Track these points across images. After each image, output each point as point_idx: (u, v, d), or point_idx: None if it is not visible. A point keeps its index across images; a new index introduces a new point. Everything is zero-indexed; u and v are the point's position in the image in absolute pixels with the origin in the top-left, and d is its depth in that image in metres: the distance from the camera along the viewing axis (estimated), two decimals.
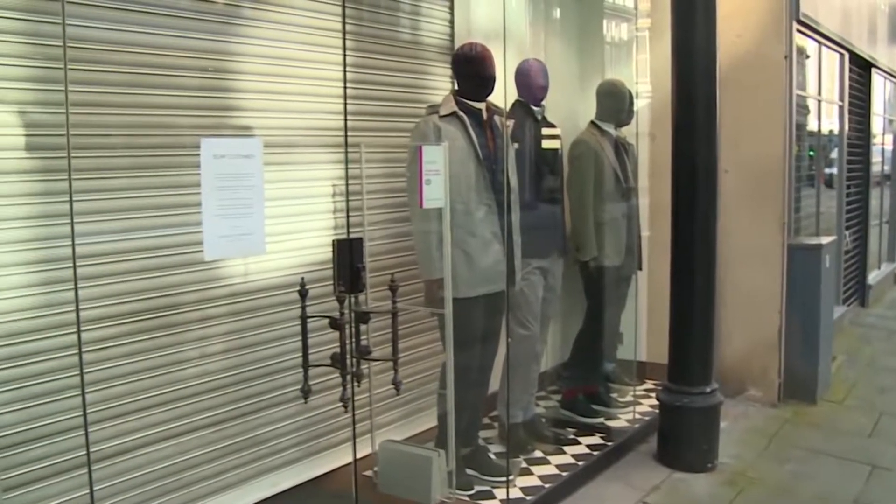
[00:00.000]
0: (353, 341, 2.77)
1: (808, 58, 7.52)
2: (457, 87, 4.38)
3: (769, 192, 5.97)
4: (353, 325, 2.74)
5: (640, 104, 5.83)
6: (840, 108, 8.76)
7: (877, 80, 9.97)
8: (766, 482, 4.71)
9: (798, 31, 6.32)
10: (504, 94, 4.31)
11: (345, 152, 3.03)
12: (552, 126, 4.96)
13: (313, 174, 4.05)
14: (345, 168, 3.11)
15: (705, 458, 4.85)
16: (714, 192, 4.88)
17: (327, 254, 3.28)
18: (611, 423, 5.40)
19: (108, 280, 3.32)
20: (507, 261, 4.21)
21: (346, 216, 3.14)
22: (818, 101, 8.06)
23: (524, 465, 4.71)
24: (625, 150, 5.51)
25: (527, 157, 4.72)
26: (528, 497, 4.28)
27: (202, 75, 3.60)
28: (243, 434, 3.85)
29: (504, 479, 4.35)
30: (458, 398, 4.07)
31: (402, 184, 4.27)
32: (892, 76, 10.85)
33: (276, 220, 3.67)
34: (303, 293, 2.67)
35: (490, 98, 4.27)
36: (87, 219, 3.20)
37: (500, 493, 4.29)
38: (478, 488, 4.34)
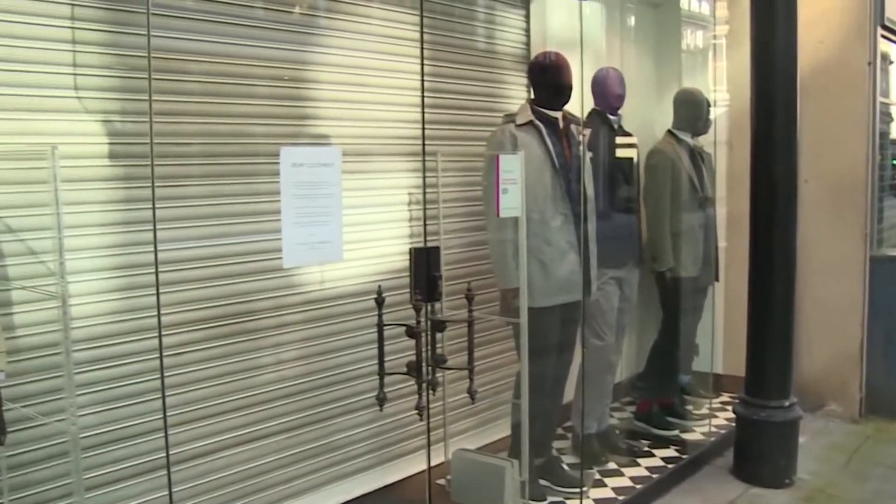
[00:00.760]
0: (429, 350, 2.76)
1: (891, 63, 7.34)
2: (533, 96, 4.36)
3: (851, 203, 5.83)
4: (429, 334, 2.74)
5: (718, 112, 5.74)
6: None
7: None
8: (845, 500, 4.59)
9: (882, 36, 6.16)
10: (581, 103, 4.28)
11: (422, 161, 3.04)
12: (628, 135, 4.92)
13: (389, 182, 4.07)
14: (422, 177, 3.12)
15: (783, 474, 4.75)
16: (794, 202, 4.78)
17: (403, 262, 3.30)
18: (686, 436, 5.33)
19: (186, 286, 3.39)
20: (583, 270, 4.18)
21: (424, 225, 3.15)
22: None
23: (598, 476, 4.67)
24: (702, 160, 5.44)
25: (603, 167, 4.68)
26: None
27: (279, 84, 3.65)
28: (318, 440, 3.89)
29: (577, 490, 4.31)
30: (532, 408, 4.05)
31: (478, 192, 4.27)
32: None
33: (353, 228, 3.69)
34: (379, 301, 2.67)
35: (566, 107, 4.25)
36: (166, 226, 3.26)
37: None
38: (551, 499, 4.32)
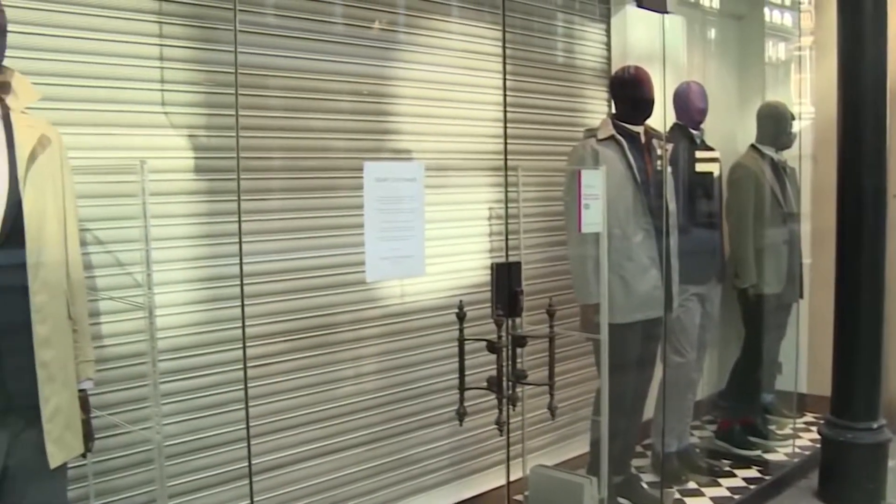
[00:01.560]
0: (510, 365, 2.75)
1: None
2: (614, 111, 4.33)
3: None
4: (510, 349, 2.73)
5: (802, 126, 5.64)
6: None
7: None
8: None
9: None
10: (663, 117, 4.24)
11: (504, 176, 3.04)
12: (711, 150, 4.85)
13: (469, 197, 4.08)
14: (504, 191, 3.12)
15: (871, 499, 4.61)
16: (883, 217, 4.65)
17: (482, 277, 3.29)
18: (768, 456, 5.22)
19: (268, 299, 3.43)
20: (665, 286, 4.13)
21: (506, 240, 3.14)
22: None
23: (677, 495, 4.60)
24: (785, 174, 5.34)
25: (685, 182, 4.63)
26: None
27: (360, 99, 3.68)
28: (396, 453, 3.90)
29: None
30: (611, 425, 4.00)
31: (558, 207, 4.25)
32: None
33: (433, 243, 3.70)
34: (461, 316, 2.67)
35: (648, 121, 4.21)
36: (249, 239, 3.31)
37: None
38: None
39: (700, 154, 4.76)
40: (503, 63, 3.12)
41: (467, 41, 4.11)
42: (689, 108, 4.74)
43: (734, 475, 4.95)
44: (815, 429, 5.30)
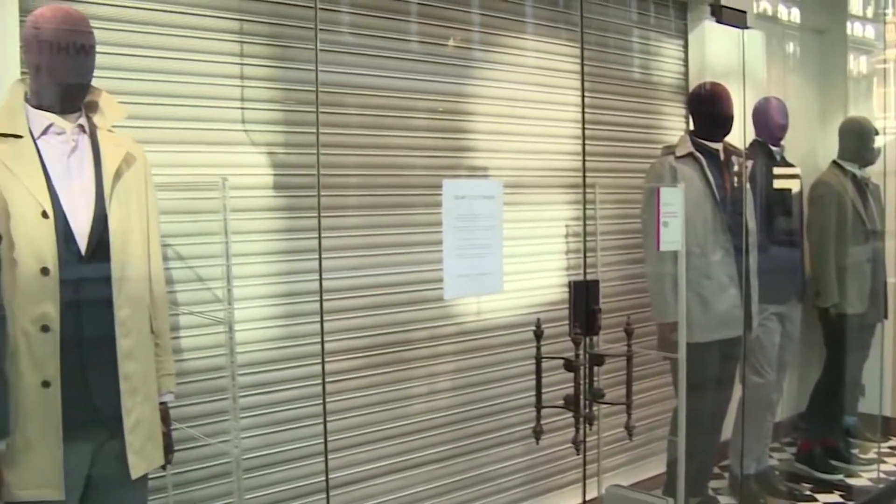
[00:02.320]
0: (587, 383, 2.73)
1: None
2: (692, 127, 4.29)
3: None
4: (587, 368, 2.71)
5: (886, 141, 5.51)
6: None
7: None
8: None
9: None
10: (742, 133, 4.19)
11: (583, 193, 3.02)
12: (791, 166, 4.77)
13: (546, 214, 4.07)
14: (582, 209, 3.11)
15: None
16: None
17: (558, 294, 3.27)
18: (851, 481, 5.09)
19: (345, 315, 3.46)
20: (744, 305, 4.06)
21: (584, 257, 3.13)
22: None
23: None
24: (868, 191, 5.22)
25: (765, 199, 4.55)
26: None
27: (436, 117, 3.70)
28: (471, 471, 3.89)
29: None
30: (688, 445, 3.94)
31: (635, 225, 4.21)
32: None
33: (510, 260, 3.69)
34: (538, 334, 2.66)
35: (727, 138, 4.16)
36: (326, 255, 3.33)
37: None
38: None
39: (780, 170, 4.69)
40: (581, 80, 3.11)
41: (543, 58, 4.11)
42: (769, 124, 4.67)
43: (815, 500, 4.84)
44: None
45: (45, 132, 2.36)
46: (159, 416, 2.56)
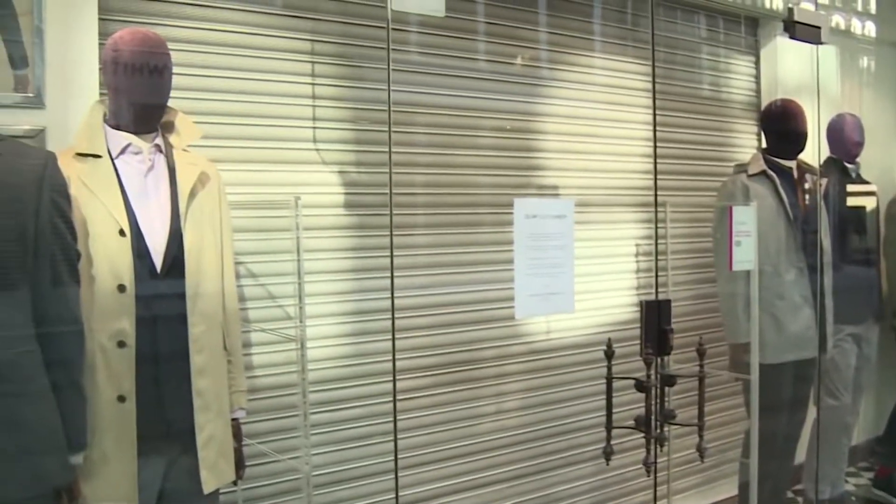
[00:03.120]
0: (659, 404, 2.70)
1: None
2: (765, 145, 4.23)
3: None
4: (658, 388, 2.68)
5: None
6: None
7: None
8: None
9: None
10: (816, 151, 4.12)
11: (654, 212, 3.00)
12: (867, 183, 4.67)
13: (616, 233, 4.05)
14: (654, 227, 3.09)
15: None
16: None
17: (628, 314, 3.23)
18: None
19: (414, 333, 3.47)
20: (819, 326, 3.98)
21: (655, 277, 3.10)
22: None
23: None
24: None
25: (840, 217, 4.47)
26: None
27: (505, 135, 3.70)
28: (540, 490, 3.86)
29: None
30: (761, 468, 3.87)
31: (706, 244, 4.16)
32: None
33: (579, 279, 3.67)
34: (609, 354, 2.64)
35: (801, 155, 4.09)
36: (396, 273, 3.35)
37: None
38: None
39: (855, 188, 4.60)
40: (653, 97, 3.09)
41: (612, 76, 4.09)
42: (844, 141, 4.58)
43: None
44: None
45: (122, 152, 2.41)
46: (231, 432, 2.59)
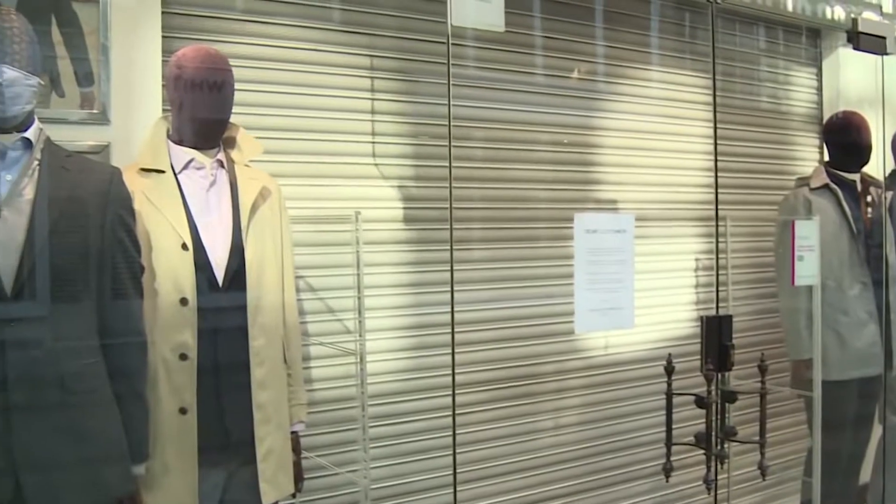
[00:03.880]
0: (719, 421, 2.67)
1: None
2: (828, 158, 4.16)
3: None
4: (719, 405, 2.65)
5: None
6: None
7: None
8: None
9: None
10: (882, 163, 4.05)
11: (715, 226, 2.98)
12: None
13: (674, 248, 4.01)
14: (715, 242, 3.06)
15: None
16: None
17: (687, 329, 3.20)
18: None
19: (471, 347, 3.47)
20: (884, 342, 3.91)
21: (716, 292, 3.07)
22: None
23: None
24: None
25: None
26: None
27: (562, 149, 3.69)
28: None
29: None
30: (824, 487, 3.80)
31: (767, 258, 4.11)
32: None
33: (639, 294, 3.65)
34: (669, 370, 2.61)
35: (865, 168, 4.03)
36: (455, 288, 3.35)
37: None
38: None
39: None
40: (713, 110, 3.07)
41: (670, 89, 4.07)
42: None
43: None
44: None
45: (185, 167, 2.45)
46: (290, 444, 2.60)
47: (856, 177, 3.99)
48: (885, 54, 3.67)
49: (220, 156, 2.51)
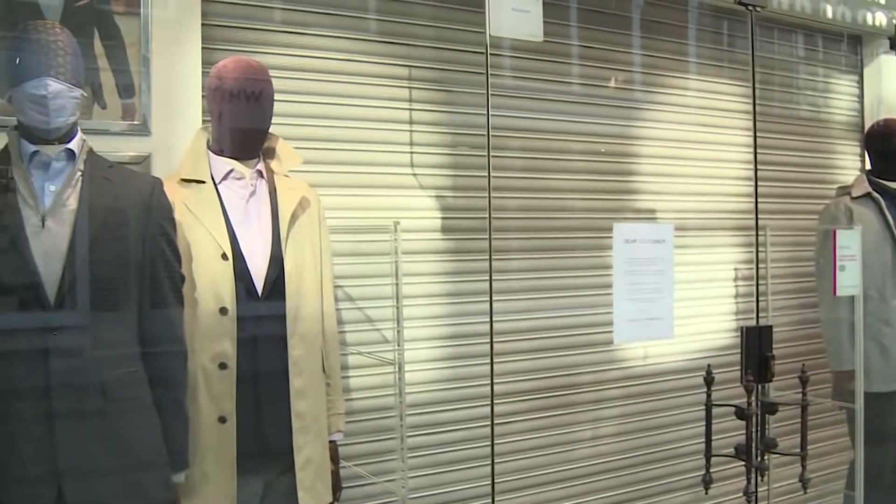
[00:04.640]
0: (759, 432, 2.64)
1: None
2: (869, 166, 4.12)
3: None
4: (760, 416, 2.62)
5: None
6: None
7: None
8: None
9: None
10: None
11: (755, 236, 2.95)
12: None
13: (713, 257, 3.99)
14: (755, 252, 3.03)
15: None
16: None
17: (726, 339, 3.16)
18: None
19: (510, 357, 3.46)
20: None
21: (756, 302, 3.04)
22: None
23: None
24: None
25: None
26: None
27: (599, 159, 3.68)
28: None
29: None
30: (866, 500, 3.75)
31: (808, 268, 4.07)
32: None
33: (678, 304, 3.63)
34: (708, 381, 2.60)
35: None
36: (494, 298, 3.35)
37: None
38: None
39: None
40: (753, 119, 3.04)
41: (708, 98, 4.05)
42: None
43: None
44: None
45: (225, 177, 2.47)
46: (329, 454, 2.61)
47: None
48: None
49: (260, 166, 2.53)
